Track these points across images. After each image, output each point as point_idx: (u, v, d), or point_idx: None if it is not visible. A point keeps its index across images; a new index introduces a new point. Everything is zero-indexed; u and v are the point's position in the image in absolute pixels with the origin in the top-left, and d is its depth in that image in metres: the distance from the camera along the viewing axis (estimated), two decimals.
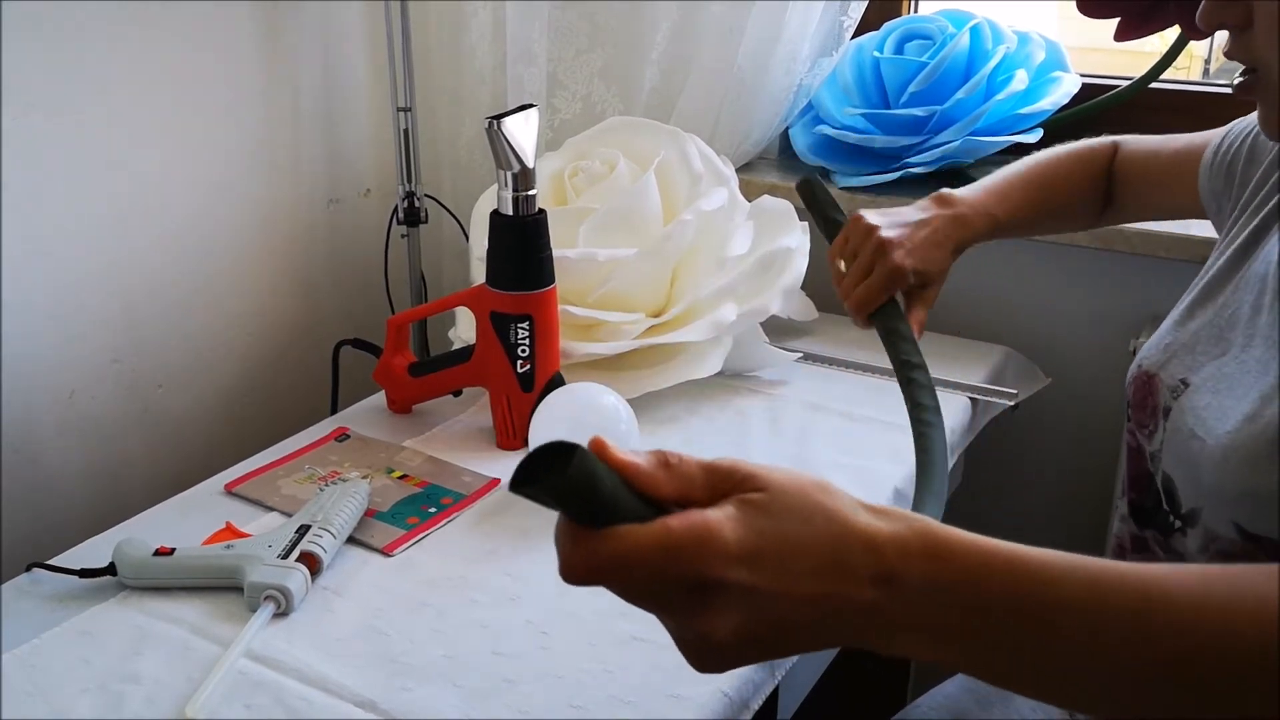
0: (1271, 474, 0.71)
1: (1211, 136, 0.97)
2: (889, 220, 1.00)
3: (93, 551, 0.95)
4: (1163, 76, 1.43)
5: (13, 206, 1.13)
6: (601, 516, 0.48)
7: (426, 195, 1.51)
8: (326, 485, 1.03)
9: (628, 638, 0.85)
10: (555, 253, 1.11)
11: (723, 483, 0.51)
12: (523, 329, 1.10)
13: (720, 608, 0.49)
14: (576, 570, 0.49)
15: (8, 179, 1.12)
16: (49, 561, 0.93)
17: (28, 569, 0.92)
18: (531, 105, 1.08)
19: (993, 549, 0.51)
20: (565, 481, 0.46)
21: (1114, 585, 0.50)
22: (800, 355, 1.33)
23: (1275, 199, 0.85)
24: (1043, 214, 1.10)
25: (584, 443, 0.48)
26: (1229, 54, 0.74)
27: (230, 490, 1.06)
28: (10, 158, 1.12)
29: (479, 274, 1.18)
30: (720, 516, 0.49)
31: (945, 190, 1.05)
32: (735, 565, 0.48)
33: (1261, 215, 0.86)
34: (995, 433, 1.36)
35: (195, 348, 1.37)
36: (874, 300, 0.97)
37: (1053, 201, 1.10)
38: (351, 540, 0.97)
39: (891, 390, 1.28)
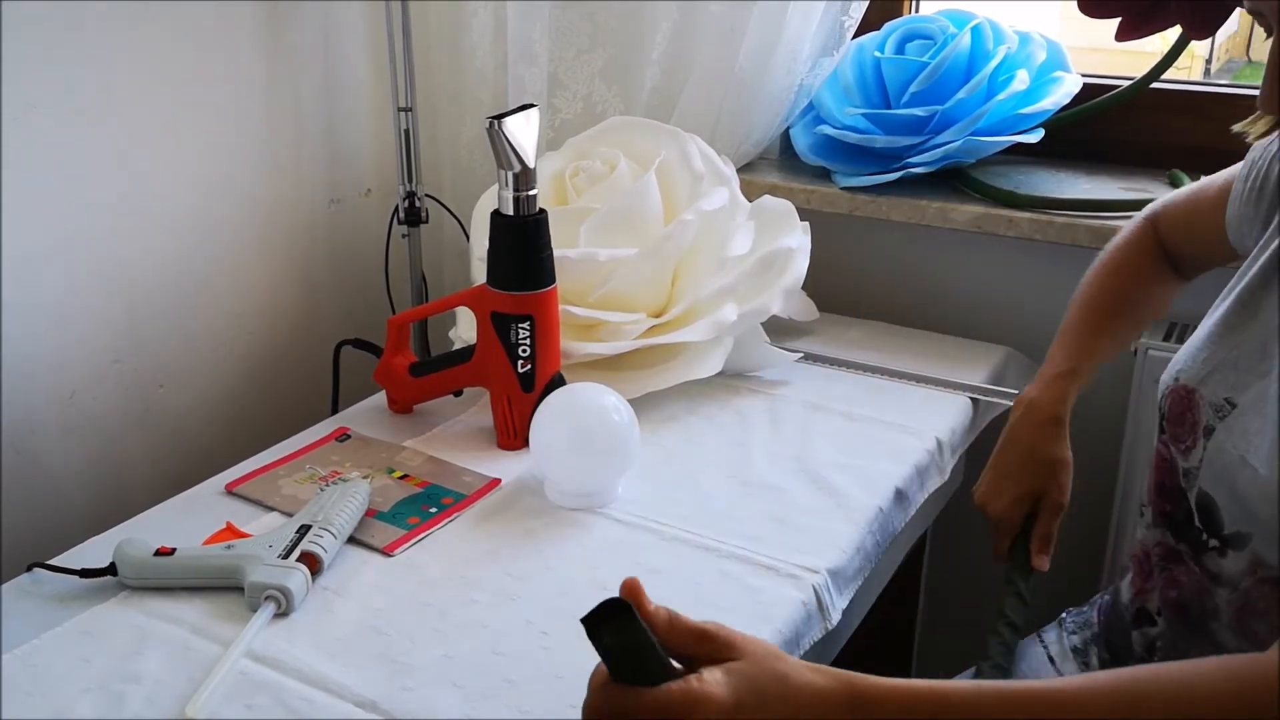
0: None
1: (1238, 170, 0.96)
2: (990, 476, 1.06)
3: (94, 551, 0.95)
4: (1164, 76, 1.43)
5: (14, 207, 1.13)
6: (637, 675, 0.63)
7: (427, 195, 1.51)
8: (327, 485, 1.03)
9: None
10: (556, 253, 1.11)
11: (708, 645, 0.65)
12: (523, 329, 1.10)
13: None
14: (596, 711, 0.64)
15: (9, 179, 1.12)
16: (50, 561, 0.93)
17: (29, 569, 0.92)
18: (532, 105, 1.08)
19: (910, 689, 0.64)
20: (617, 644, 0.62)
21: (1027, 700, 0.64)
22: (801, 355, 1.33)
23: None
24: (1117, 335, 1.10)
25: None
26: None
27: (231, 490, 1.06)
28: (11, 157, 1.12)
29: (480, 274, 1.18)
30: (711, 680, 0.63)
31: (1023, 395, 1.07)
32: (725, 714, 0.62)
33: None
34: (996, 433, 1.35)
35: (196, 348, 1.37)
36: (998, 546, 1.05)
37: (1125, 316, 1.10)
38: (352, 540, 0.97)
39: (892, 390, 1.28)
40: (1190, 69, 1.95)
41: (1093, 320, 1.09)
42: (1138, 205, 1.34)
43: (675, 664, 0.65)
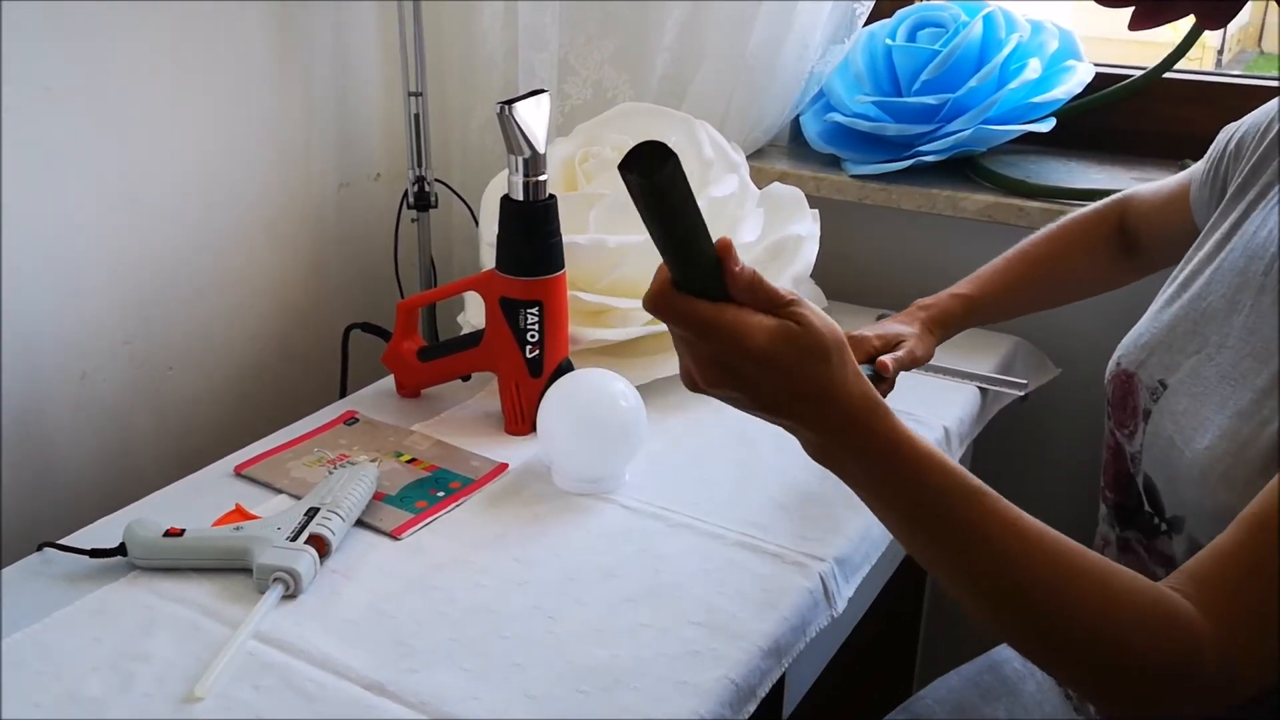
0: (1253, 496, 0.68)
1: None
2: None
3: (103, 532, 0.95)
4: (1176, 66, 1.42)
5: (25, 189, 1.13)
6: (674, 233, 0.62)
7: (437, 180, 1.51)
8: (335, 468, 1.03)
9: (635, 624, 0.85)
10: (565, 239, 1.11)
11: (782, 310, 0.65)
12: (532, 314, 1.10)
13: (726, 373, 0.65)
14: (655, 304, 0.65)
15: (20, 161, 1.12)
16: (60, 541, 0.93)
17: (39, 548, 0.93)
18: (543, 90, 1.08)
19: (912, 449, 0.66)
20: (650, 186, 0.58)
21: (1010, 520, 0.66)
22: None
23: (1253, 190, 0.84)
24: (1033, 287, 1.14)
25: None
26: None
27: (240, 472, 1.06)
28: (23, 140, 1.12)
29: (488, 260, 1.18)
30: (759, 325, 0.64)
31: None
32: (751, 362, 0.64)
33: (1241, 205, 0.85)
34: (1004, 423, 1.36)
35: (206, 330, 1.37)
36: None
37: (1042, 272, 1.14)
38: (360, 523, 0.97)
39: (900, 379, 1.27)
40: (1202, 59, 1.94)
41: (1024, 270, 1.13)
42: None
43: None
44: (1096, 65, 1.46)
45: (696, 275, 0.64)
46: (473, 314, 1.28)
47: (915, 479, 0.66)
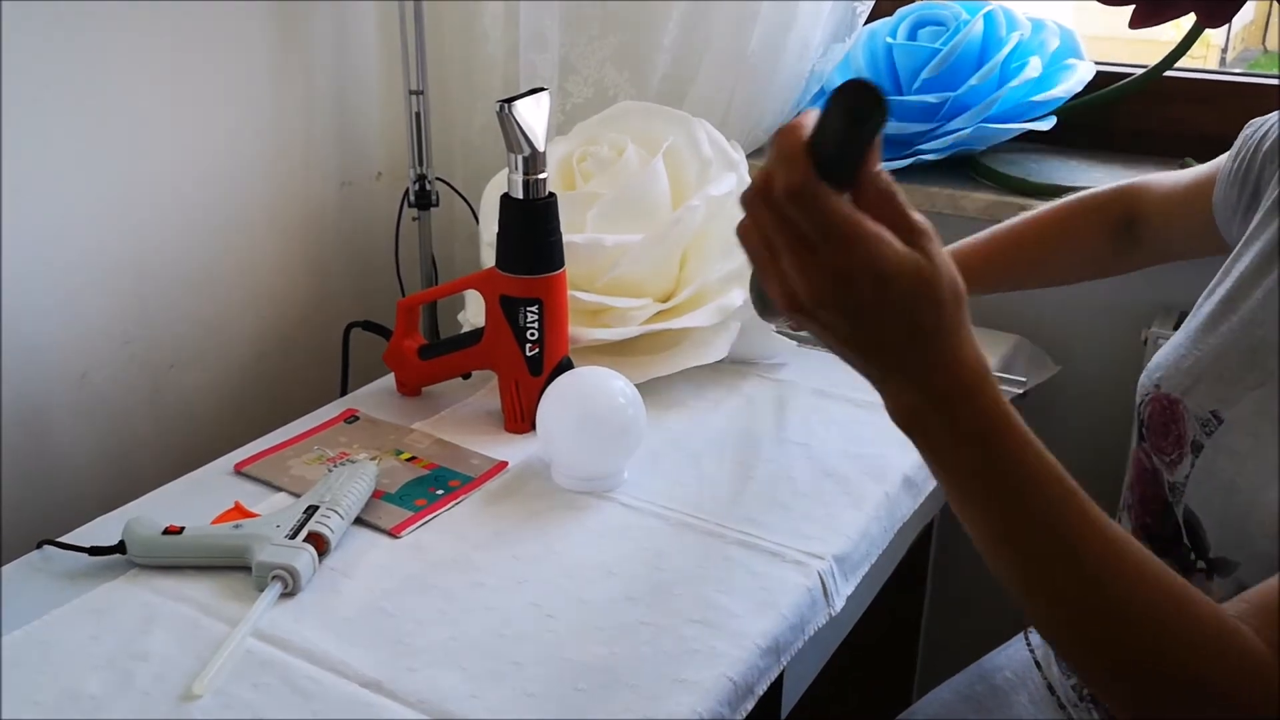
0: None
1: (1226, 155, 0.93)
2: None
3: (103, 530, 0.95)
4: (1178, 65, 1.42)
5: (26, 188, 1.14)
6: (839, 165, 0.57)
7: (438, 178, 1.51)
8: (335, 466, 1.03)
9: (634, 622, 0.85)
10: (563, 238, 1.11)
11: (910, 226, 0.58)
12: (532, 312, 1.10)
13: (841, 290, 0.57)
14: (796, 195, 0.55)
15: (20, 161, 1.13)
16: (59, 539, 0.93)
17: (38, 546, 0.93)
18: (543, 88, 1.08)
19: (1018, 436, 0.60)
20: (854, 122, 0.57)
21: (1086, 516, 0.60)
22: (805, 339, 1.33)
23: None
24: (1016, 268, 1.11)
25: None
26: None
27: (239, 470, 1.06)
28: (23, 140, 1.12)
29: (489, 259, 1.18)
30: (892, 246, 0.56)
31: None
32: (872, 284, 0.56)
33: None
34: None
35: (206, 328, 1.37)
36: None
37: (1030, 253, 1.10)
38: (359, 521, 0.97)
39: None
40: (1205, 58, 1.94)
41: (1011, 250, 1.10)
42: None
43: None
44: (1097, 64, 1.46)
45: (837, 164, 0.57)
46: (473, 312, 1.28)
47: (1013, 469, 0.59)
